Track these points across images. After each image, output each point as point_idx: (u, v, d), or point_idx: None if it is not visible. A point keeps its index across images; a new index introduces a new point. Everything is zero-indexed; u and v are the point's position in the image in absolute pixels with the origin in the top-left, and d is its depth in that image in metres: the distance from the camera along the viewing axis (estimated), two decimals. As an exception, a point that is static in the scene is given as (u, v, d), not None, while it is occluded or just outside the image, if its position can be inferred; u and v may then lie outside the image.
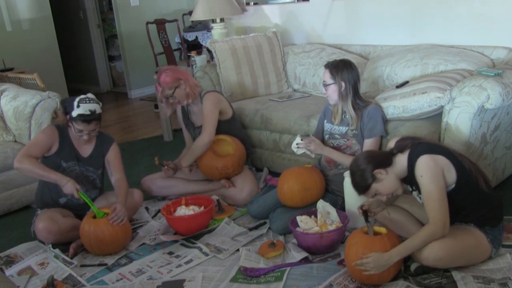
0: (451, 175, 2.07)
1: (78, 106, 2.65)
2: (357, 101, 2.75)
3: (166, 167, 3.21)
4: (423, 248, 2.03)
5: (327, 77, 2.74)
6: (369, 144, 2.72)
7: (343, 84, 2.71)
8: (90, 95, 2.75)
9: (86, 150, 2.85)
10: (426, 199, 2.05)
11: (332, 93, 2.75)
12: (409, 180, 2.16)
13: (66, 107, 2.72)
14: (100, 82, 7.64)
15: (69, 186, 2.64)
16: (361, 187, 2.16)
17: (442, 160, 2.05)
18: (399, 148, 2.17)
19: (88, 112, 2.66)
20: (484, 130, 2.63)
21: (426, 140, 2.26)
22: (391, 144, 2.30)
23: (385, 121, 2.80)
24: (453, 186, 2.08)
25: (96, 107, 2.70)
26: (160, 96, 3.17)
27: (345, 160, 2.73)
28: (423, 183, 2.04)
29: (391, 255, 2.03)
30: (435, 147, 2.12)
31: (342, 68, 2.73)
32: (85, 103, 2.67)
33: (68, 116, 2.71)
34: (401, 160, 2.14)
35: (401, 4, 3.55)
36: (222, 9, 4.15)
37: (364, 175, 2.13)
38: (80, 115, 2.65)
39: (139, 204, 2.99)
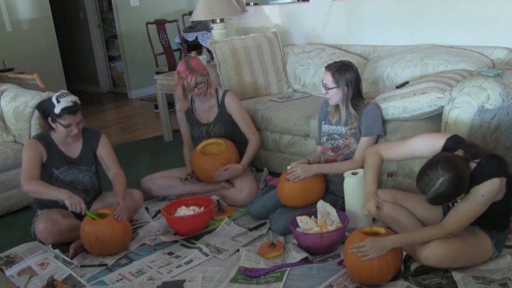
0: (502, 193, 2.04)
1: (58, 102, 2.64)
2: (358, 102, 2.75)
3: (189, 177, 3.20)
4: (425, 247, 2.03)
5: (329, 80, 2.72)
6: (365, 142, 2.73)
7: (346, 88, 2.71)
8: (64, 90, 2.75)
9: (74, 150, 2.83)
10: (461, 210, 2.01)
11: (334, 96, 2.74)
12: None
13: (45, 109, 2.70)
14: (100, 82, 7.62)
15: (71, 201, 2.57)
16: (439, 202, 2.00)
17: (504, 182, 2.00)
18: (472, 156, 2.04)
19: (71, 104, 2.66)
20: (484, 130, 2.62)
21: (497, 154, 2.12)
22: (421, 141, 2.19)
23: (383, 121, 2.80)
24: (497, 199, 2.05)
25: (76, 98, 2.71)
26: (191, 82, 3.06)
27: (337, 169, 2.73)
28: (475, 200, 1.98)
29: (388, 239, 2.05)
30: (503, 167, 2.03)
31: (345, 72, 2.70)
32: (64, 97, 2.67)
33: (50, 118, 2.70)
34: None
35: (401, 4, 3.55)
36: (222, 10, 4.15)
37: (451, 198, 1.99)
38: (64, 109, 2.64)
39: (139, 205, 2.99)
